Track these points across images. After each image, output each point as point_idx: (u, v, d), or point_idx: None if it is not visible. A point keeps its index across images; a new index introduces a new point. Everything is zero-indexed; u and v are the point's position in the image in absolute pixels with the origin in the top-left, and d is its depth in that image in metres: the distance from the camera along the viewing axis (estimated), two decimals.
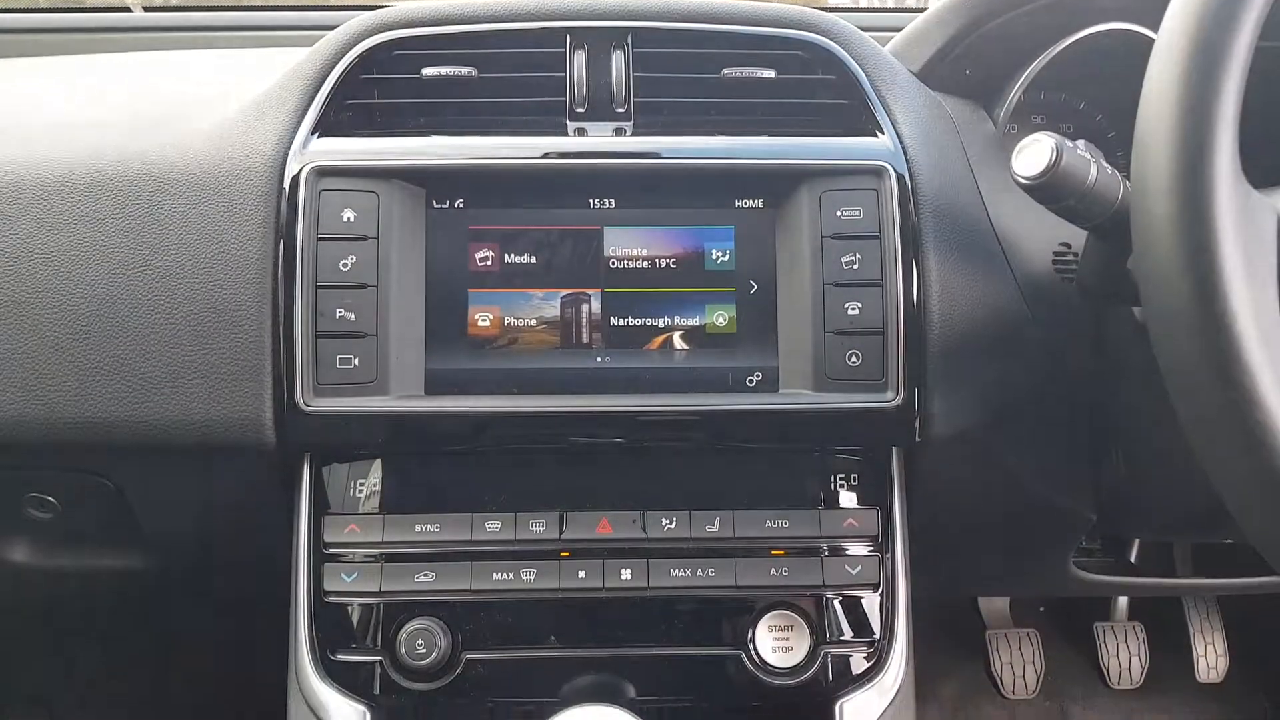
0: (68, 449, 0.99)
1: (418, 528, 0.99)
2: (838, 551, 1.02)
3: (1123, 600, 2.17)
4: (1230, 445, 0.67)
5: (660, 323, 0.99)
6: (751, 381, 0.99)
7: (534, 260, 0.99)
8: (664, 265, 0.99)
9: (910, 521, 1.04)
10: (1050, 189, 0.84)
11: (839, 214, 0.97)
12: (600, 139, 1.03)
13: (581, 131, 1.03)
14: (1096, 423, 1.08)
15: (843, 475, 1.03)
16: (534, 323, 0.99)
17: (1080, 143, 0.86)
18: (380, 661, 0.98)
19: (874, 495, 1.03)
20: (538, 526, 0.99)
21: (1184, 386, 0.71)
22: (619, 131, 1.03)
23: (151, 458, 1.00)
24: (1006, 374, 1.03)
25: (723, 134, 1.02)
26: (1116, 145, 1.16)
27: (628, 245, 0.99)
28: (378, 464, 1.02)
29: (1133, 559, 1.34)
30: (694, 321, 0.99)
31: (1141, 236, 0.72)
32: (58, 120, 1.11)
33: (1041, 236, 1.04)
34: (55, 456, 1.01)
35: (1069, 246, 1.04)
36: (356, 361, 0.95)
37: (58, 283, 0.96)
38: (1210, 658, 2.10)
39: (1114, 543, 1.34)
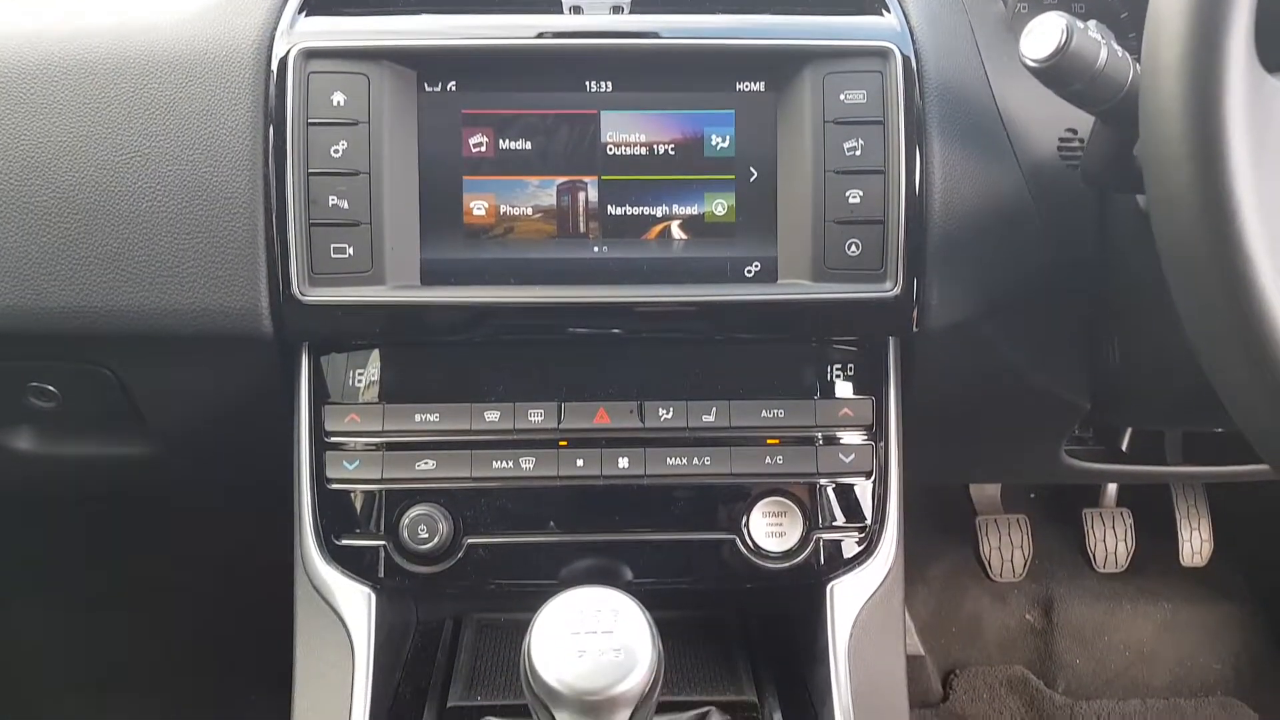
0: (63, 339, 0.99)
1: (417, 417, 1.00)
2: (832, 440, 1.03)
3: (1112, 487, 2.22)
4: (1226, 335, 0.67)
5: (658, 212, 0.98)
6: (750, 272, 0.98)
7: (529, 146, 0.97)
8: (662, 152, 0.98)
9: (904, 410, 1.05)
10: (1059, 72, 0.82)
11: (842, 98, 0.95)
12: (597, 17, 0.99)
13: (577, 10, 1.00)
14: (1094, 312, 1.08)
15: (839, 365, 1.04)
16: (530, 211, 0.97)
17: (1091, 23, 0.83)
18: (384, 546, 1.01)
19: (869, 385, 1.04)
20: (536, 416, 1.00)
21: (1183, 275, 0.70)
22: (616, 10, 1.00)
23: (149, 347, 1.00)
24: (1007, 264, 1.02)
25: (724, 13, 0.99)
26: (1129, 26, 1.13)
27: (625, 130, 0.97)
28: (376, 354, 1.02)
29: (1124, 447, 1.36)
30: (692, 210, 0.98)
31: (1149, 120, 0.70)
32: (35, 2, 1.07)
33: (1048, 122, 1.02)
34: (52, 346, 1.01)
35: (1075, 132, 1.02)
36: (351, 250, 0.95)
37: (44, 170, 0.95)
38: (1195, 543, 2.16)
39: (1105, 432, 1.36)
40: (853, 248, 0.96)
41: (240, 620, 1.87)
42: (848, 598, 1.03)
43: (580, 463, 1.00)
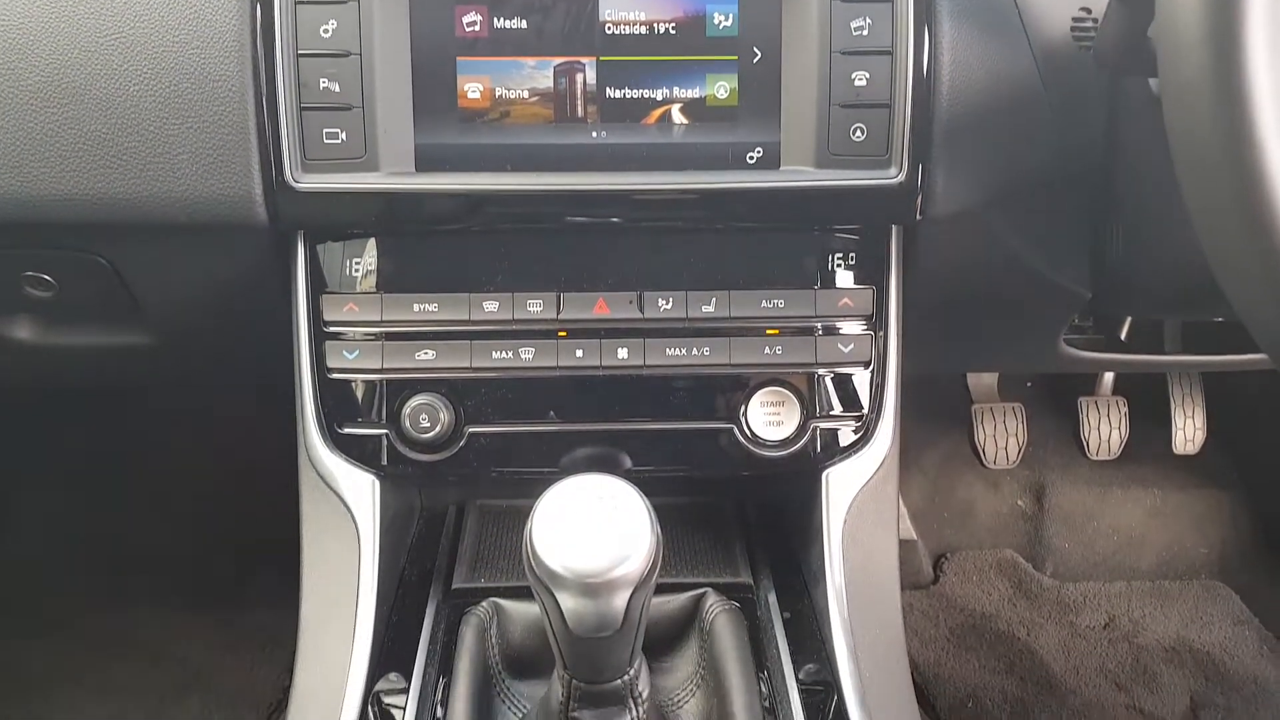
0: (56, 227, 0.97)
1: (416, 307, 1.00)
2: (831, 330, 1.03)
3: (1108, 376, 2.23)
4: (1232, 226, 0.66)
5: (658, 94, 0.96)
6: (752, 158, 0.96)
7: (525, 25, 0.94)
8: (663, 31, 0.94)
9: (905, 300, 1.05)
10: None
11: None
12: None
13: None
14: (1100, 199, 1.07)
15: (840, 254, 1.03)
16: (526, 94, 0.95)
17: None
18: (386, 435, 1.02)
19: (870, 274, 1.03)
20: (535, 307, 1.00)
21: (1192, 163, 0.69)
22: None
23: (144, 236, 0.99)
24: (1014, 150, 1.00)
25: None
26: None
27: (625, 8, 0.94)
28: (373, 243, 1.01)
29: (1122, 336, 1.36)
30: (694, 93, 0.95)
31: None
32: None
33: (1061, 1, 0.99)
34: (45, 235, 1.00)
35: (1089, 12, 0.98)
36: (344, 135, 0.93)
37: (27, 52, 0.92)
38: (1188, 431, 2.18)
39: (1105, 321, 1.36)
40: (857, 133, 0.94)
41: (247, 508, 1.91)
42: (843, 484, 1.05)
43: (579, 353, 1.01)
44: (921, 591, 2.09)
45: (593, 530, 0.69)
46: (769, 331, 1.02)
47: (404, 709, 0.91)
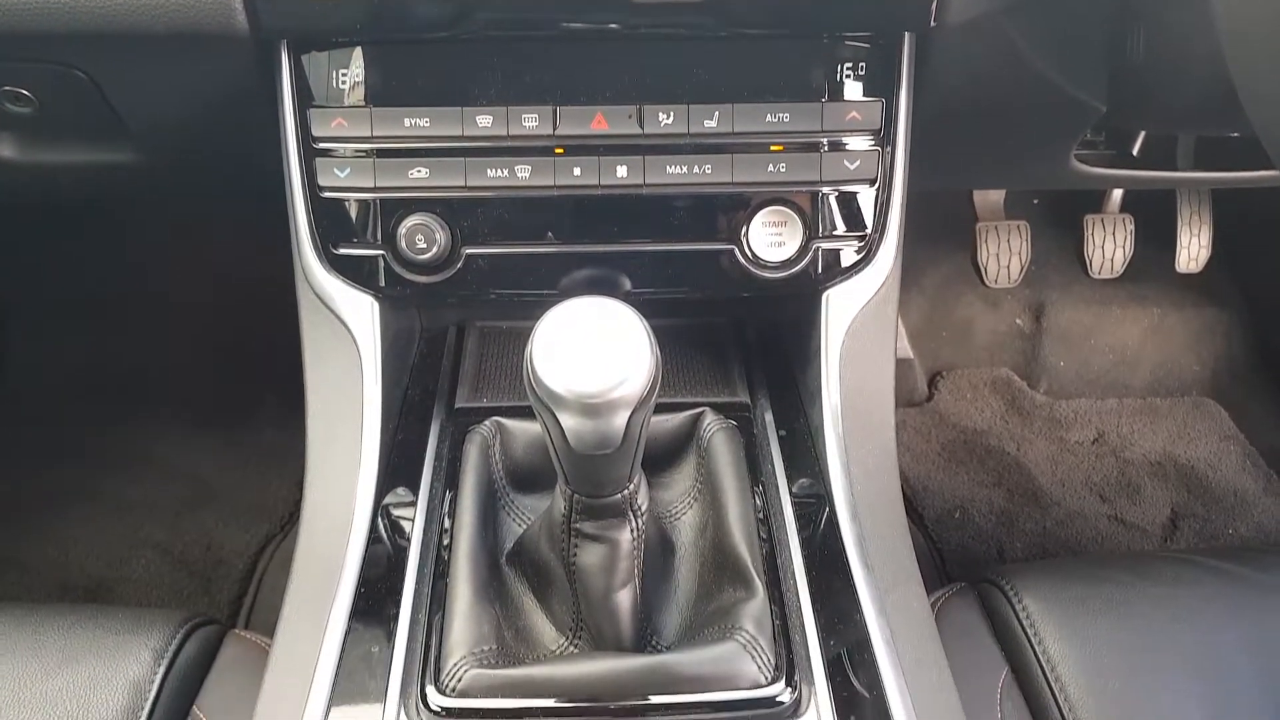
0: (29, 38, 0.93)
1: (407, 121, 0.96)
2: (837, 146, 0.99)
3: (1116, 194, 2.20)
4: (1259, 31, 0.63)
5: None
6: None
7: None
8: None
9: (914, 115, 1.01)
10: None
11: None
12: None
13: None
14: (1120, 6, 1.01)
15: (848, 65, 0.98)
16: None
17: None
18: (382, 256, 1.00)
19: (879, 87, 0.99)
20: (530, 121, 0.96)
21: None
22: None
23: (121, 47, 0.94)
24: None
25: None
26: None
27: None
28: (359, 53, 0.96)
29: (1134, 152, 1.33)
30: None
31: None
32: None
33: None
34: (18, 46, 0.96)
35: None
36: None
37: None
38: (1193, 249, 2.17)
39: (1117, 136, 1.32)
40: None
41: (247, 332, 1.92)
42: (843, 305, 1.04)
43: (577, 171, 0.98)
44: (915, 408, 2.13)
45: (593, 351, 0.69)
46: (773, 148, 0.99)
47: (413, 521, 0.94)
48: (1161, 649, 0.99)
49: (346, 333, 1.03)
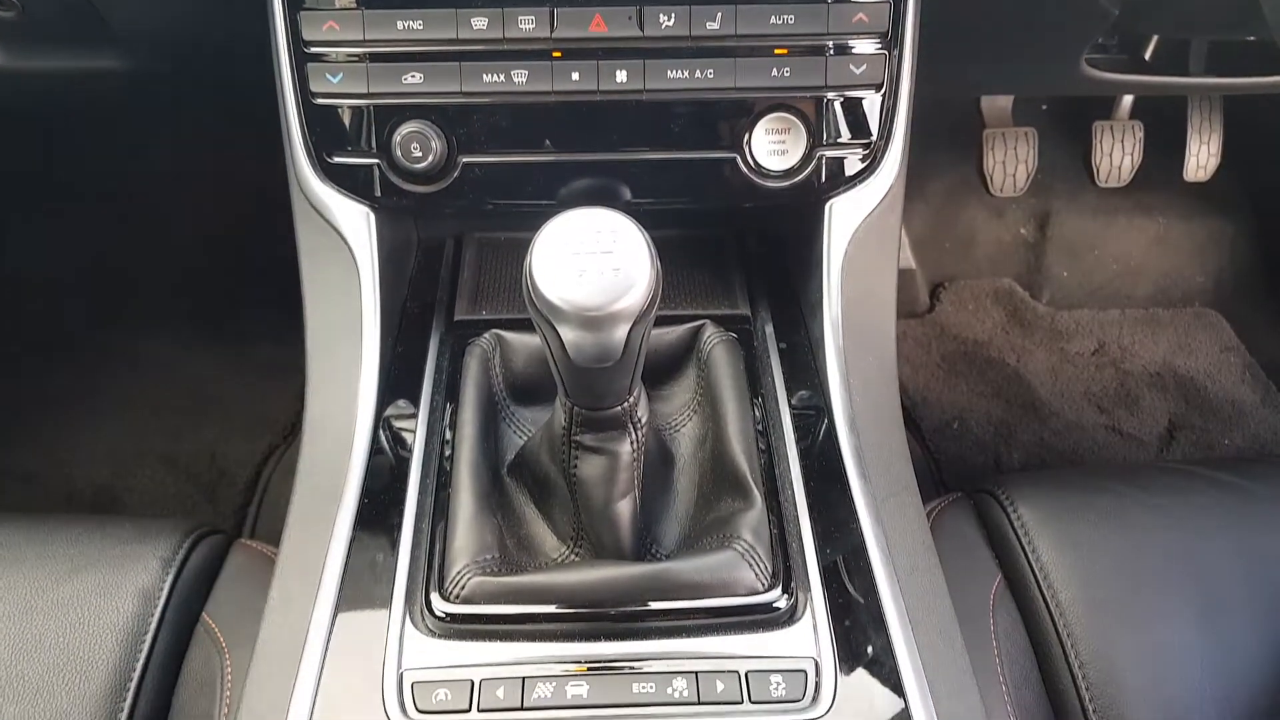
0: None
1: (399, 24, 0.93)
2: (844, 49, 0.96)
3: (1126, 100, 2.15)
4: None
5: None
6: None
7: None
8: None
9: (922, 15, 0.98)
10: None
11: None
12: None
13: None
14: None
15: None
16: None
17: None
18: (377, 164, 0.99)
19: None
20: (527, 23, 0.93)
21: None
22: None
23: None
24: None
25: None
26: None
27: None
28: None
29: (1146, 57, 1.29)
30: None
31: None
32: None
33: None
34: None
35: None
36: None
37: None
38: (1202, 157, 2.13)
39: (1129, 41, 1.29)
40: None
41: (243, 244, 1.90)
42: (846, 215, 1.03)
43: (576, 76, 0.95)
44: (916, 319, 2.12)
45: (592, 264, 0.68)
46: (777, 51, 0.96)
47: (414, 433, 0.95)
48: (1153, 557, 1.00)
49: (343, 244, 1.02)
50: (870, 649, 0.79)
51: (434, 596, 0.80)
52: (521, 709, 0.74)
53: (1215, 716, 0.91)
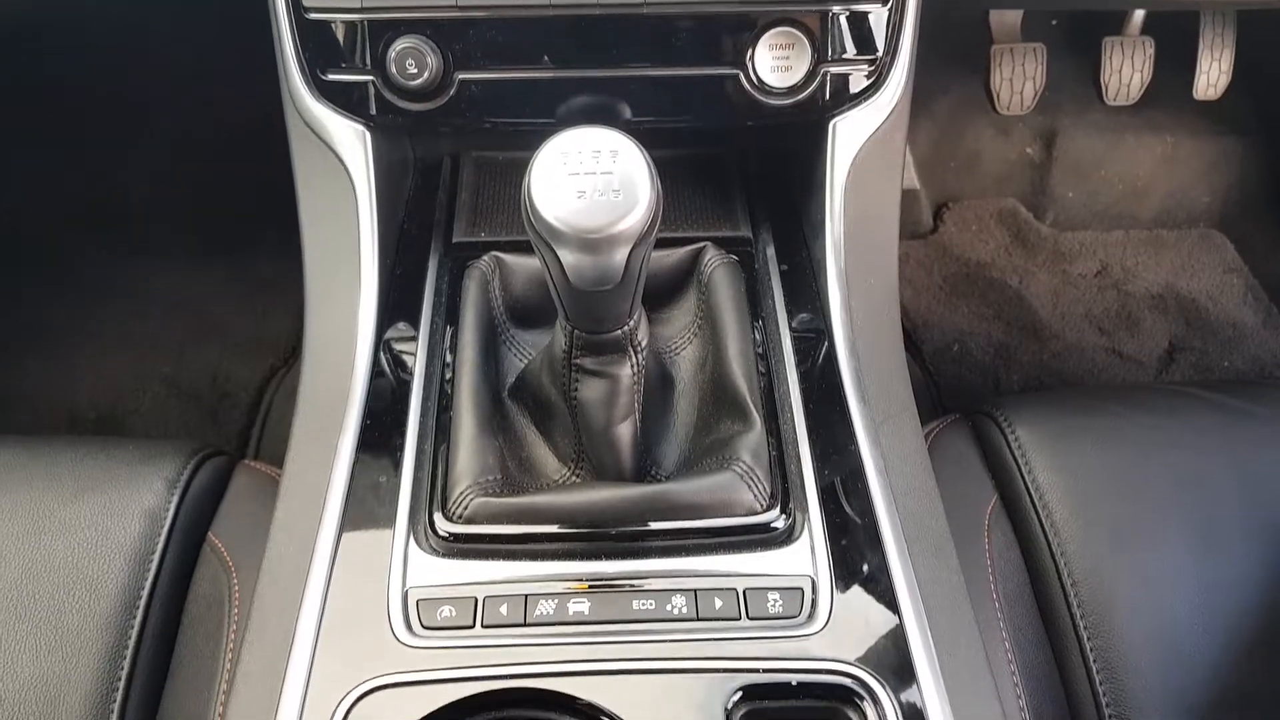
0: None
1: None
2: None
3: (1138, 15, 2.10)
4: None
5: None
6: None
7: None
8: None
9: None
10: None
11: None
12: None
13: None
14: None
15: None
16: None
17: None
18: (372, 81, 0.96)
19: None
20: None
21: None
22: None
23: None
24: None
25: None
26: None
27: None
28: None
29: None
30: None
31: None
32: None
33: None
34: None
35: None
36: None
37: None
38: (1213, 74, 2.08)
39: None
40: None
41: (246, 167, 1.87)
42: (850, 134, 1.01)
43: None
44: (919, 241, 2.11)
45: (591, 185, 0.67)
46: None
47: (414, 355, 0.95)
48: (1149, 477, 1.01)
49: (338, 163, 1.00)
50: (866, 567, 0.80)
51: (437, 517, 0.80)
52: (524, 624, 0.75)
53: (1208, 636, 0.93)
